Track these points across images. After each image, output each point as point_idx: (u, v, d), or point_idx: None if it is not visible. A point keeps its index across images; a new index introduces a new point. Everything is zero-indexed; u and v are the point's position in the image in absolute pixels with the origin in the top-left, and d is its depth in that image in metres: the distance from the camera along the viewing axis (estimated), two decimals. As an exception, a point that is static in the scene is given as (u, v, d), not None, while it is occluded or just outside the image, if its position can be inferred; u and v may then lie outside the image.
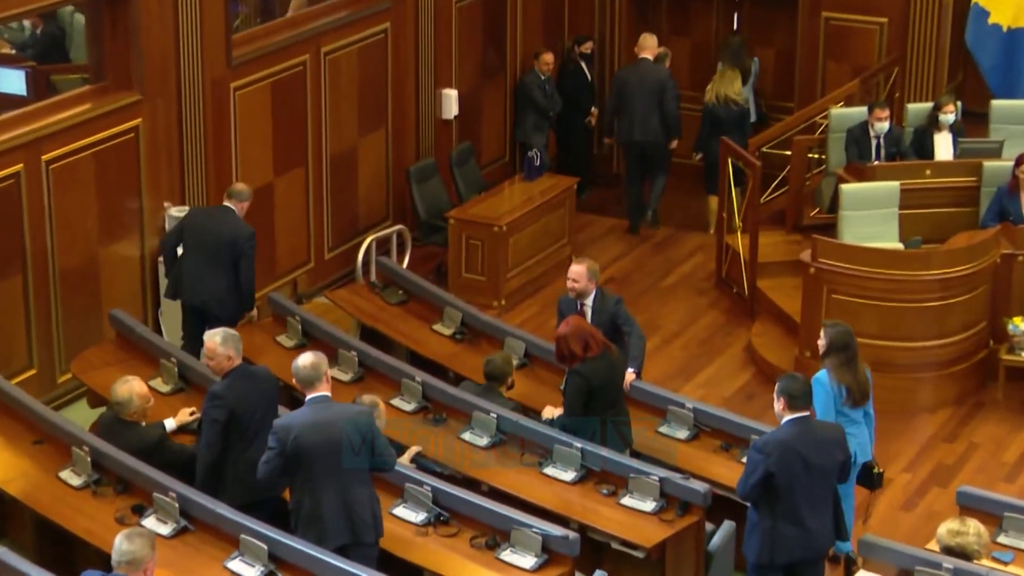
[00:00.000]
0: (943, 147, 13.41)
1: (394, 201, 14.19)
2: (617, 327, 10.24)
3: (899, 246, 12.60)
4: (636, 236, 14.94)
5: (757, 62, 15.65)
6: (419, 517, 8.86)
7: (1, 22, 12.20)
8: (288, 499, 8.60)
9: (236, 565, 8.33)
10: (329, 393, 8.46)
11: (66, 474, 9.27)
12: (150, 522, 8.71)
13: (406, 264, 13.49)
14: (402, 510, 8.91)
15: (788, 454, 8.37)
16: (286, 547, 8.26)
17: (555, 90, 15.15)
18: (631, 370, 10.10)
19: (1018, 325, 11.88)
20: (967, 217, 12.86)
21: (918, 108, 13.92)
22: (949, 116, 13.39)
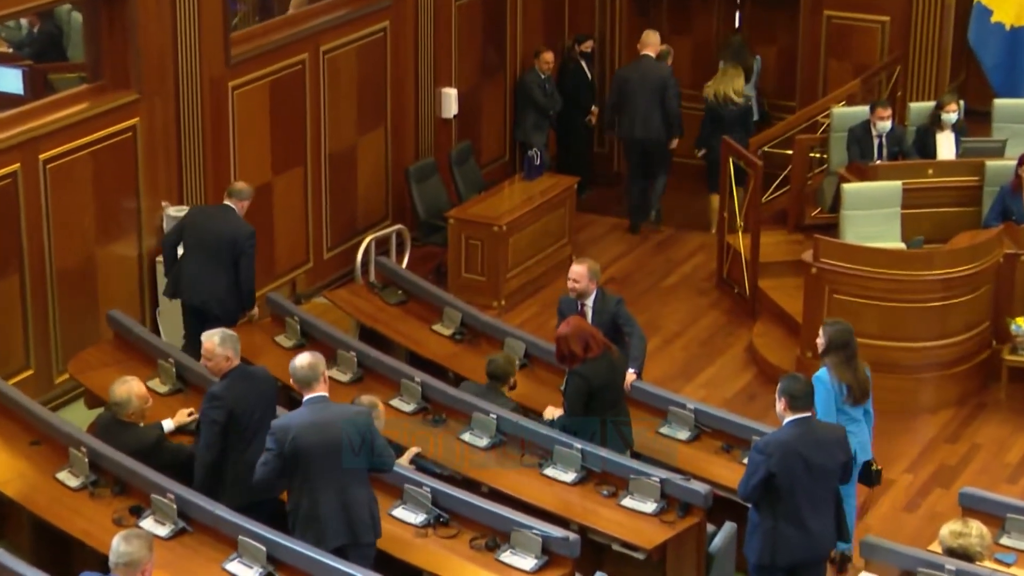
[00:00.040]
0: (945, 146, 13.40)
1: (393, 201, 14.18)
2: (618, 327, 10.22)
3: (901, 246, 12.58)
4: (637, 235, 14.93)
5: (759, 60, 15.63)
6: (418, 518, 8.84)
7: (-1, 20, 12.22)
8: (286, 501, 8.56)
9: (234, 567, 8.31)
10: (327, 393, 8.43)
11: (63, 475, 9.24)
12: (148, 523, 8.68)
13: (405, 264, 13.47)
14: (401, 511, 8.89)
15: (789, 455, 8.35)
16: (285, 548, 8.23)
17: (555, 89, 15.14)
18: (632, 371, 10.07)
19: (1021, 325, 11.86)
20: (970, 217, 12.85)
21: (920, 107, 13.92)
22: (951, 115, 13.39)
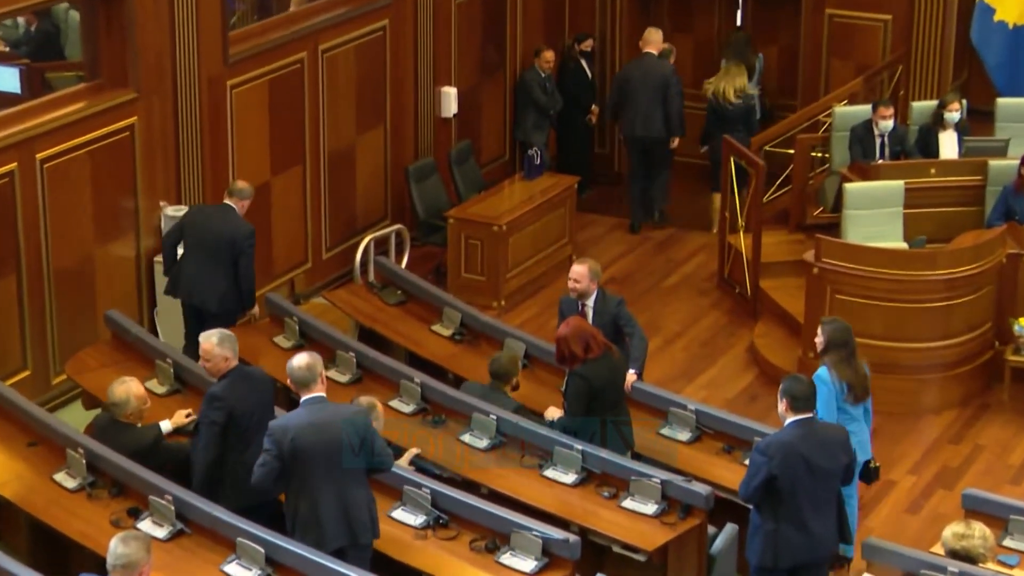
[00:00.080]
0: (948, 145, 13.38)
1: (392, 200, 14.17)
2: (618, 328, 10.20)
3: (904, 246, 12.57)
4: (637, 235, 14.92)
5: (762, 58, 15.64)
6: (418, 520, 8.81)
7: (-4, 19, 12.19)
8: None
9: (233, 569, 8.28)
10: (324, 394, 8.41)
11: (61, 476, 9.21)
12: (146, 525, 8.66)
13: (405, 264, 13.48)
14: (401, 513, 8.86)
15: (791, 456, 8.33)
16: (283, 550, 8.20)
17: (555, 88, 15.13)
18: (632, 371, 10.05)
19: (1023, 325, 11.80)
20: (972, 216, 12.83)
21: (923, 106, 13.90)
22: (954, 114, 13.37)
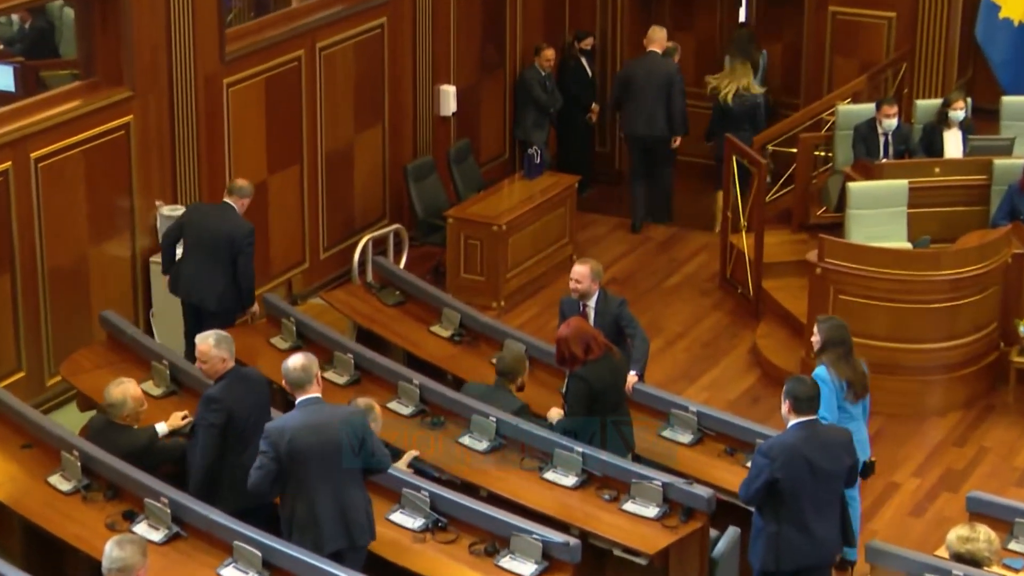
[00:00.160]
0: (952, 144, 13.34)
1: (391, 200, 14.15)
2: (620, 329, 10.15)
3: (908, 246, 12.54)
4: (638, 235, 14.90)
5: (765, 55, 15.66)
6: (416, 523, 8.78)
7: (-10, 17, 12.25)
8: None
9: (229, 572, 8.25)
10: (320, 395, 8.37)
11: (55, 479, 9.18)
12: (141, 528, 8.63)
13: (403, 264, 13.47)
14: (399, 516, 8.83)
15: (794, 458, 8.29)
16: (280, 554, 8.16)
17: (556, 86, 15.10)
18: (633, 372, 10.00)
19: (1029, 326, 11.82)
20: (977, 216, 12.80)
21: (927, 104, 13.87)
22: (959, 113, 13.32)
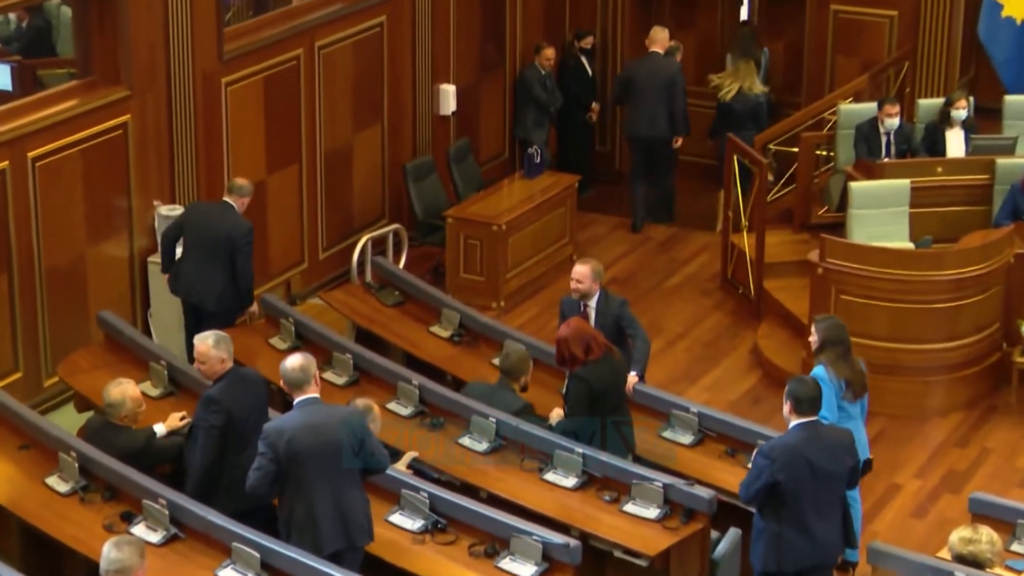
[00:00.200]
0: (955, 144, 13.32)
1: (390, 199, 14.14)
2: (621, 330, 10.12)
3: (910, 245, 12.52)
4: (639, 235, 14.88)
5: (767, 53, 15.66)
6: (416, 524, 8.75)
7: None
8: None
9: (228, 574, 8.23)
10: (318, 395, 8.34)
11: (53, 480, 9.16)
12: (139, 530, 8.61)
13: (402, 264, 13.44)
14: (398, 517, 8.81)
15: (795, 460, 8.26)
16: (279, 555, 8.14)
17: (556, 85, 15.08)
18: (634, 373, 9.97)
19: (1031, 327, 11.80)
20: (980, 216, 12.79)
21: (929, 104, 13.86)
22: (961, 112, 13.31)
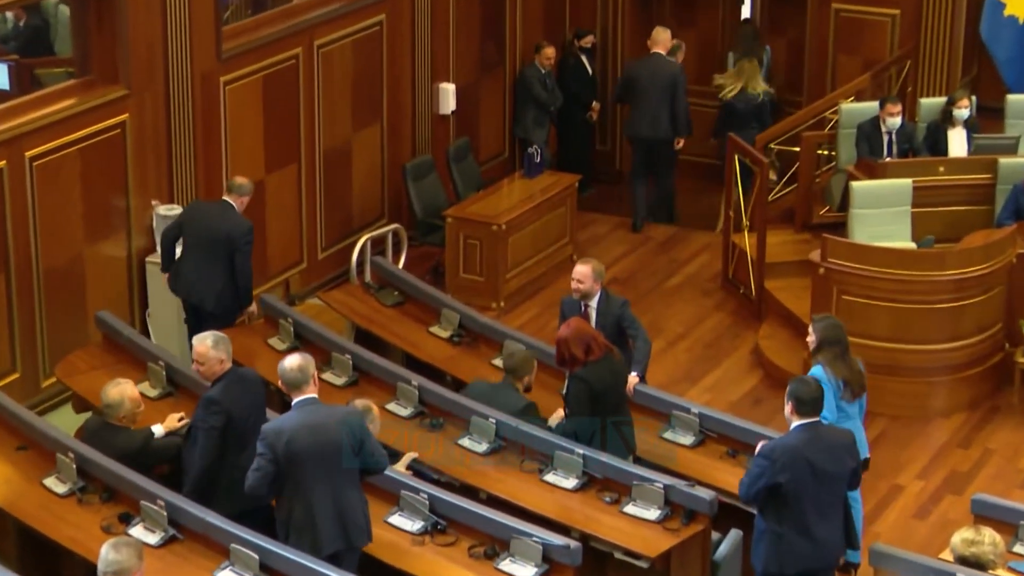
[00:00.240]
0: (957, 143, 13.30)
1: (389, 199, 14.12)
2: (621, 330, 10.09)
3: (912, 245, 12.50)
4: (639, 235, 14.86)
5: (769, 51, 15.66)
6: (415, 526, 8.73)
7: (-16, 14, 12.22)
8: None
9: (226, 575, 8.19)
10: (316, 395, 8.32)
11: (50, 481, 9.14)
12: (137, 531, 8.59)
13: (402, 264, 13.42)
14: (398, 518, 8.79)
15: (797, 461, 8.23)
16: (277, 556, 8.12)
17: (556, 84, 15.06)
18: (634, 373, 9.94)
19: (1034, 327, 11.79)
20: (982, 215, 12.76)
21: (931, 103, 13.83)
22: (963, 111, 13.29)
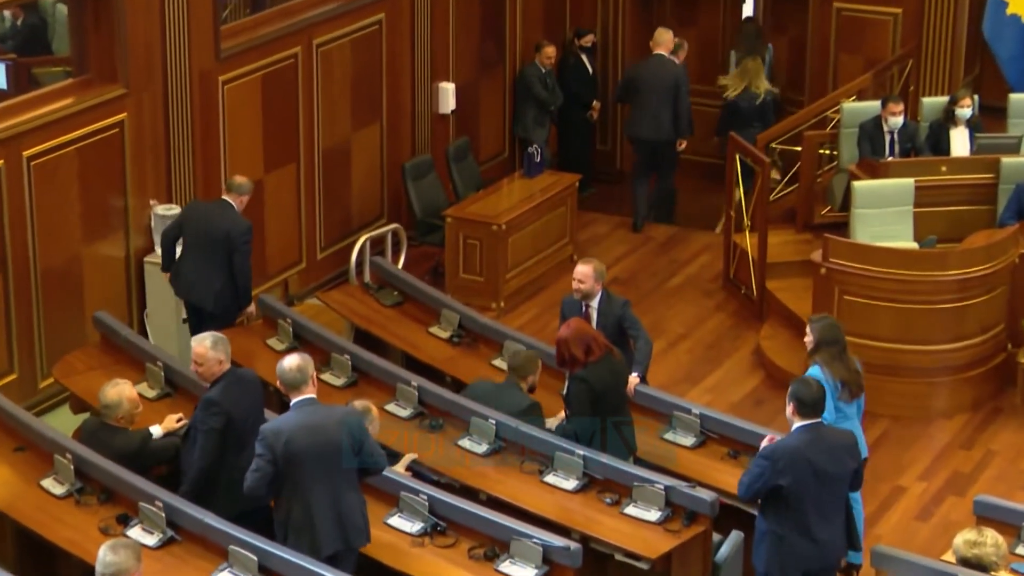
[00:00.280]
0: (959, 143, 13.28)
1: (389, 199, 14.11)
2: (623, 331, 10.06)
3: (914, 245, 12.47)
4: (640, 235, 14.85)
5: (771, 50, 15.65)
6: (415, 527, 8.70)
7: (-18, 13, 12.25)
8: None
9: (225, 577, 8.22)
10: (315, 395, 8.30)
11: (48, 482, 9.12)
12: (135, 532, 8.57)
13: (401, 264, 13.41)
14: (397, 520, 8.76)
15: (798, 462, 8.21)
16: (276, 558, 8.10)
17: (556, 84, 15.03)
18: (635, 374, 9.91)
19: (1036, 327, 11.78)
20: (984, 215, 12.72)
21: (933, 102, 13.81)
22: (966, 110, 13.26)
